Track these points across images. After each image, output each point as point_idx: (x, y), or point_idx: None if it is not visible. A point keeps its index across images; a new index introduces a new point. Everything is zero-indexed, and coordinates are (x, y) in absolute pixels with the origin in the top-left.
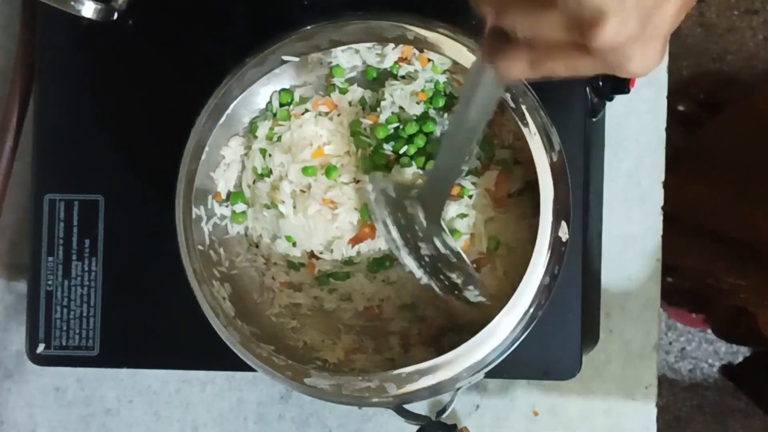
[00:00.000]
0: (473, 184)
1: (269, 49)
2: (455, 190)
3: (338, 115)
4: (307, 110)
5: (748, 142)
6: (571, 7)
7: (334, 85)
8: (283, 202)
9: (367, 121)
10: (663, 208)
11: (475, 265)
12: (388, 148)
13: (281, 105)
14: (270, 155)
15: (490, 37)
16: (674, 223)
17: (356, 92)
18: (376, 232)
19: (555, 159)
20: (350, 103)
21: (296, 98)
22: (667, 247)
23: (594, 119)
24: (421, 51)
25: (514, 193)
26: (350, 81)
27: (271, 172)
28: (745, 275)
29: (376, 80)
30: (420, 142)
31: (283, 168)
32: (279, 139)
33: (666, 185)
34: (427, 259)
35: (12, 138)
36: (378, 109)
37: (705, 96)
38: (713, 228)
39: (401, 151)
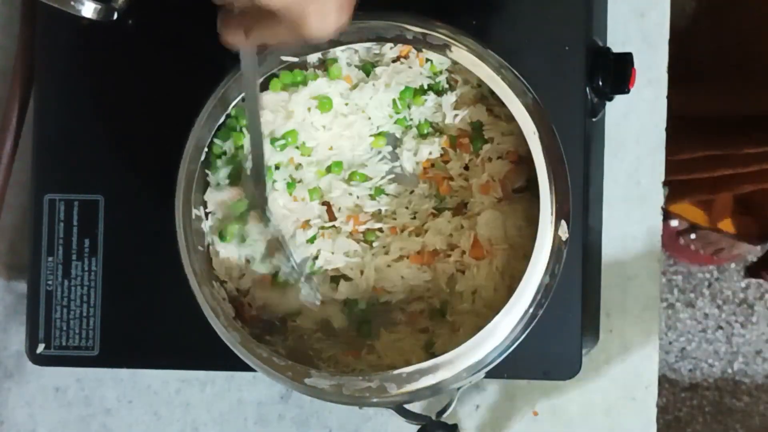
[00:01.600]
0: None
1: (269, 49)
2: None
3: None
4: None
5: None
6: None
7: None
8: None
9: None
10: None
11: (471, 256)
12: None
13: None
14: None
15: (220, 14)
16: (678, 123)
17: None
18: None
19: (555, 158)
20: None
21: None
22: (673, 146)
23: (594, 119)
24: (419, 51)
25: (516, 189)
26: None
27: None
28: (755, 143)
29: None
30: None
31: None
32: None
33: (670, 97)
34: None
35: (12, 138)
36: None
37: None
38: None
39: None
